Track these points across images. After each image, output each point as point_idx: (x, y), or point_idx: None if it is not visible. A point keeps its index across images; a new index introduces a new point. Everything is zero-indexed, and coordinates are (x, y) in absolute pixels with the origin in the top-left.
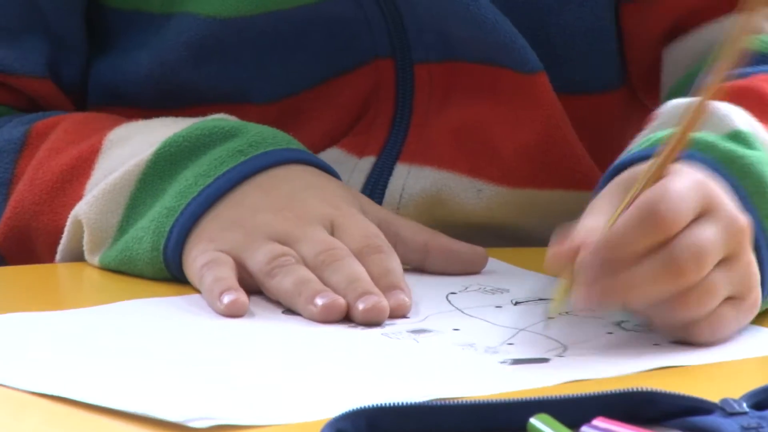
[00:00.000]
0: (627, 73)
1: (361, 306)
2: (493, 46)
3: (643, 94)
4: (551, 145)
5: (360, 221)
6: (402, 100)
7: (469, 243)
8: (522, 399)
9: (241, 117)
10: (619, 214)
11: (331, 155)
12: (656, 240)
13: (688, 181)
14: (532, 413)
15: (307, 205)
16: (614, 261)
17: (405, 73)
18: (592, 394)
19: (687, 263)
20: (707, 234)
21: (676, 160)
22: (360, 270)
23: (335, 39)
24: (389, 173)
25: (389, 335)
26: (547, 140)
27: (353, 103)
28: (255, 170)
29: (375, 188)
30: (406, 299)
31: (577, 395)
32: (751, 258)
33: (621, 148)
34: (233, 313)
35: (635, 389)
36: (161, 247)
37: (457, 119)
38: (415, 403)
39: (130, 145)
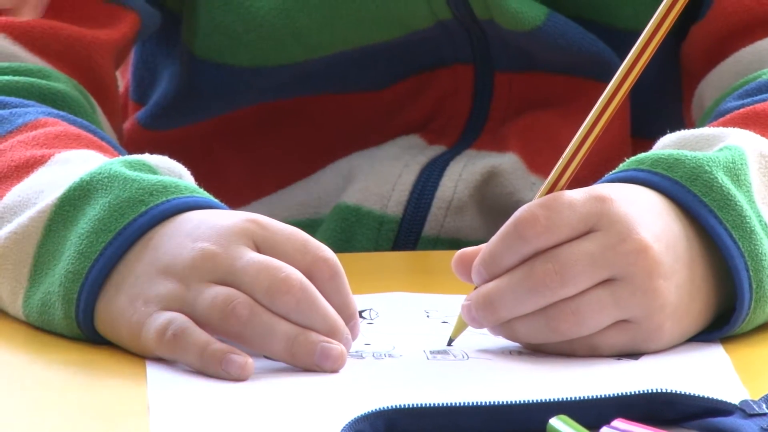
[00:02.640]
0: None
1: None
2: (580, 61)
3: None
4: (614, 155)
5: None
6: (479, 104)
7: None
8: (541, 400)
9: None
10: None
11: (410, 141)
12: (522, 253)
13: (579, 194)
14: (551, 414)
15: (224, 229)
16: (488, 275)
17: (485, 79)
18: (611, 395)
19: (547, 276)
20: (582, 249)
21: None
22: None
23: (416, 48)
24: (455, 156)
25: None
26: (611, 150)
27: (431, 101)
28: (158, 218)
29: (438, 166)
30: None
31: (596, 396)
32: (656, 282)
33: None
34: (245, 375)
35: (655, 390)
36: (73, 316)
37: (530, 122)
38: (432, 404)
39: (53, 174)
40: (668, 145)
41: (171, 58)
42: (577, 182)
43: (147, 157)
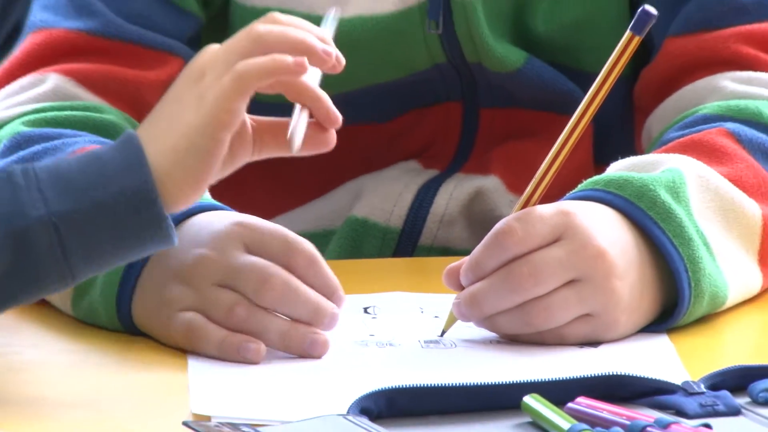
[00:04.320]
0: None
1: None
2: (551, 98)
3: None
4: (579, 178)
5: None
6: (467, 135)
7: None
8: (517, 381)
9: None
10: None
11: (409, 165)
12: (501, 259)
13: (548, 209)
14: (525, 393)
15: (220, 234)
16: (474, 278)
17: (471, 114)
18: (575, 377)
19: (522, 278)
20: (551, 255)
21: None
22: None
23: (415, 87)
24: (447, 178)
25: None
26: (576, 174)
27: (426, 132)
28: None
29: (432, 186)
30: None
31: (562, 378)
32: (613, 282)
33: None
34: (259, 359)
35: (611, 373)
36: (116, 319)
37: (510, 150)
38: (426, 385)
39: None
40: (619, 168)
41: None
42: (547, 199)
43: None
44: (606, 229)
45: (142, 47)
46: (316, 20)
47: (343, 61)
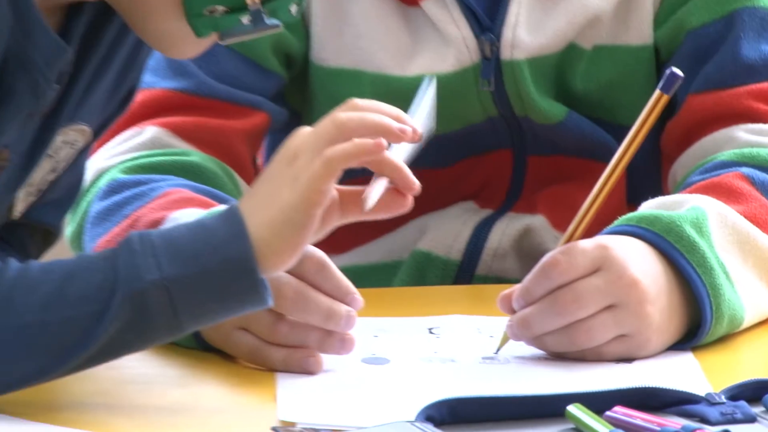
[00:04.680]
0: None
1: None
2: (590, 147)
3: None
4: (615, 214)
5: None
6: (517, 179)
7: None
8: (561, 393)
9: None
10: None
11: (466, 205)
12: (548, 287)
13: (588, 244)
14: (569, 403)
15: None
16: (525, 303)
17: (520, 161)
18: (612, 389)
19: (566, 303)
20: (592, 283)
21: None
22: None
23: (470, 137)
24: (499, 217)
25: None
26: (612, 213)
27: (481, 176)
28: None
29: (487, 224)
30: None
31: (600, 390)
32: (645, 307)
33: None
34: (318, 370)
35: (644, 386)
36: (193, 341)
37: (554, 193)
38: (483, 396)
39: None
40: (650, 207)
41: None
42: (587, 234)
43: None
44: (639, 261)
45: (230, 103)
46: (385, 79)
47: (420, 132)
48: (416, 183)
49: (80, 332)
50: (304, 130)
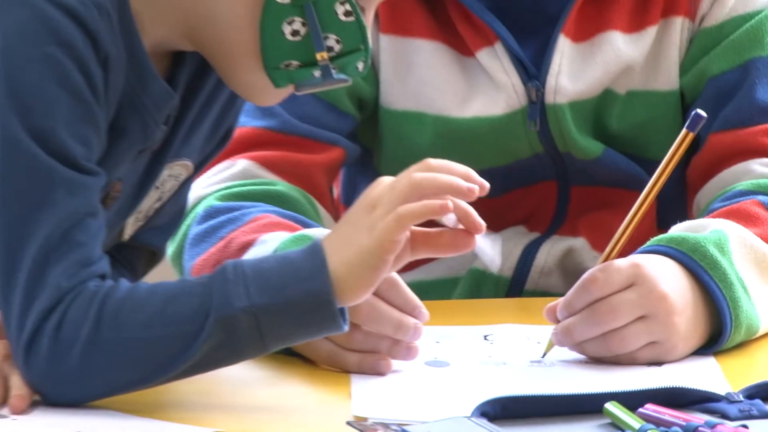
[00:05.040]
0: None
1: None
2: (624, 179)
3: None
4: (646, 236)
5: None
6: (561, 207)
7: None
8: (599, 392)
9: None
10: None
11: (517, 229)
12: (587, 300)
13: (623, 262)
14: (606, 401)
15: None
16: (567, 314)
17: (564, 191)
18: (643, 389)
19: (604, 315)
20: (626, 297)
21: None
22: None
23: (519, 170)
24: (545, 240)
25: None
26: (644, 236)
27: (530, 204)
28: None
29: (534, 246)
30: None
31: (633, 390)
32: (673, 318)
33: None
34: (388, 371)
35: (671, 386)
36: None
37: (593, 218)
38: (531, 395)
39: (257, 252)
40: (677, 230)
41: (366, 176)
42: (622, 254)
43: (311, 231)
44: (668, 277)
45: (311, 140)
46: (444, 120)
47: (487, 186)
48: (482, 225)
49: (177, 349)
50: (384, 182)
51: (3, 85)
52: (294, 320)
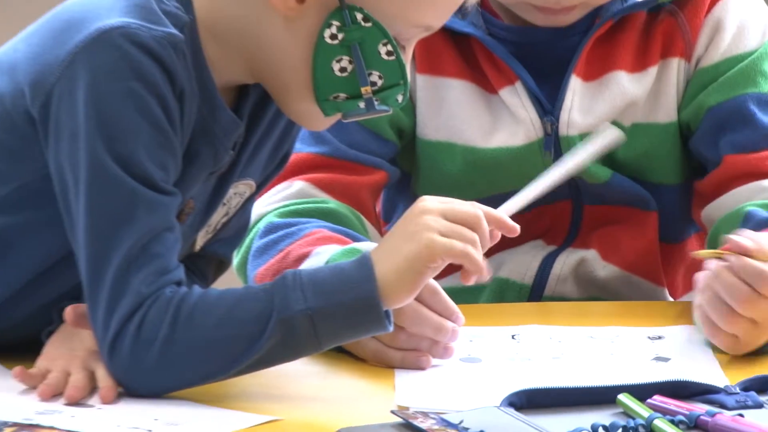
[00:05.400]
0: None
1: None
2: (630, 199)
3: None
4: (649, 251)
5: None
6: (575, 223)
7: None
8: (613, 385)
9: None
10: None
11: (536, 243)
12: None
13: None
14: (619, 393)
15: None
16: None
17: (577, 209)
18: (652, 382)
19: None
20: None
21: None
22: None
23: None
24: (561, 251)
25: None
26: (648, 247)
27: (547, 221)
28: None
29: (551, 257)
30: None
31: (643, 383)
32: None
33: None
34: (428, 366)
35: (677, 380)
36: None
37: (603, 233)
38: (553, 387)
39: (311, 263)
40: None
41: (404, 196)
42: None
43: (359, 245)
44: None
45: (358, 164)
46: (472, 150)
47: (517, 228)
48: (516, 227)
49: (243, 347)
50: (428, 202)
51: (91, 116)
52: (345, 322)
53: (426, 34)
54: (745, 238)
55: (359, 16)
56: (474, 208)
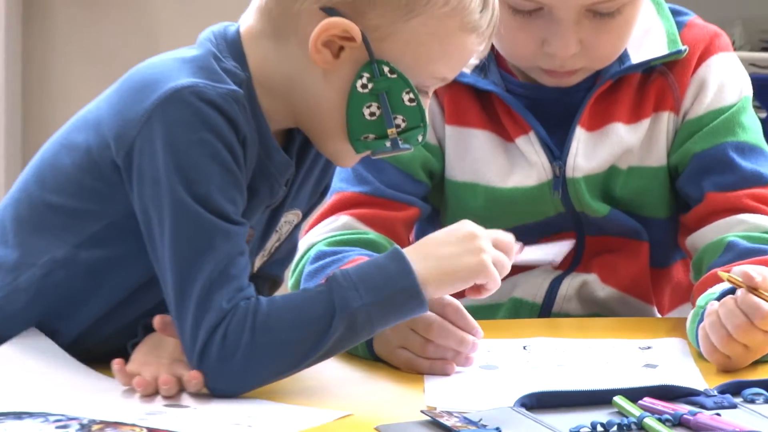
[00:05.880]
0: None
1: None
2: (626, 231)
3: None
4: (641, 276)
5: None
6: (578, 251)
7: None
8: (610, 389)
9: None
10: None
11: (545, 268)
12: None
13: None
14: (615, 395)
15: None
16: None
17: (580, 239)
18: (643, 386)
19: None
20: None
21: None
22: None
23: (547, 225)
24: (567, 275)
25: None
26: (640, 272)
27: None
28: None
29: (558, 280)
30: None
31: (635, 387)
32: None
33: None
34: (452, 372)
35: (663, 384)
36: (369, 356)
37: (602, 260)
38: (559, 390)
39: None
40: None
41: (433, 229)
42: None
43: None
44: None
45: (394, 201)
46: (492, 189)
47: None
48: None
49: (312, 343)
50: (475, 226)
51: (170, 163)
52: (393, 310)
53: (442, 84)
54: (755, 272)
55: (386, 69)
56: (510, 238)
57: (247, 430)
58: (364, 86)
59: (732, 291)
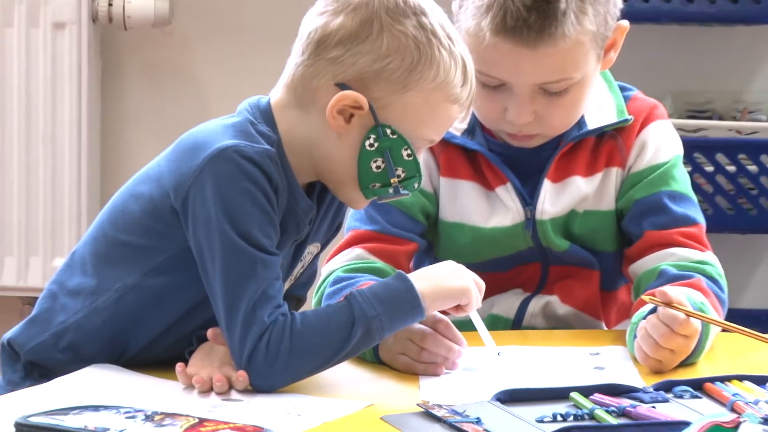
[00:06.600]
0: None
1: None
2: (582, 261)
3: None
4: (593, 299)
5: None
6: (543, 278)
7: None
8: (568, 386)
9: (490, 279)
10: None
11: (516, 291)
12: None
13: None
14: (571, 391)
15: None
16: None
17: (545, 268)
18: (593, 384)
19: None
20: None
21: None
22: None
23: (518, 257)
24: (533, 297)
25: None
26: (591, 296)
27: (524, 277)
28: None
29: (527, 300)
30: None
31: (588, 385)
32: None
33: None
34: (441, 374)
35: (609, 383)
36: (374, 360)
37: (562, 285)
38: (527, 388)
39: None
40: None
41: (429, 260)
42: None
43: None
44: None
45: (398, 238)
46: (477, 229)
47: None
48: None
49: (338, 347)
50: (458, 265)
51: (219, 208)
52: (400, 318)
53: (430, 145)
54: (671, 291)
55: (388, 131)
56: (481, 281)
57: (297, 418)
58: (371, 145)
59: (656, 309)
